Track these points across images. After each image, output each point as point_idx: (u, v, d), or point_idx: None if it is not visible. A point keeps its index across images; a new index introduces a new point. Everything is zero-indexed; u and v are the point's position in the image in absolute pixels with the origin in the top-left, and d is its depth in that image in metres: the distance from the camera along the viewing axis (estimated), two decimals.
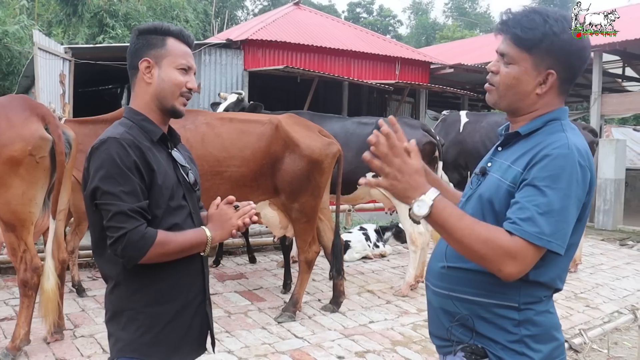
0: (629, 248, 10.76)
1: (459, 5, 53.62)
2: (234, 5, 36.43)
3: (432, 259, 2.11)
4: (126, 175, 1.97)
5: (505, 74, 1.93)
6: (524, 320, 1.86)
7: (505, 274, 1.72)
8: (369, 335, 5.33)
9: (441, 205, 1.76)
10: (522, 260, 1.71)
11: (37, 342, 4.67)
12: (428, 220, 1.78)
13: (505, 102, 1.96)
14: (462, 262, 1.92)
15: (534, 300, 1.87)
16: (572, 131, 1.88)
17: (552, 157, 1.76)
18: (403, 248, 9.08)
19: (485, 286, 1.88)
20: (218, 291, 6.44)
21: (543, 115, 1.92)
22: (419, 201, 1.76)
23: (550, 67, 1.87)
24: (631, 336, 5.75)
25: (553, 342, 1.90)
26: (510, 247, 1.70)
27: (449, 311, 1.97)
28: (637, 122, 25.76)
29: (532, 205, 1.71)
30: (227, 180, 5.42)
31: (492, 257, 1.71)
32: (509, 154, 1.95)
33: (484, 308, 1.89)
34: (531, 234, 1.69)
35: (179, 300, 2.15)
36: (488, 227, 1.76)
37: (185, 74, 2.19)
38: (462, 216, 1.77)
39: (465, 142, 8.45)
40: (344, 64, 14.44)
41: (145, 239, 1.96)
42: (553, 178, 1.73)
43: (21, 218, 4.32)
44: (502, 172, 1.89)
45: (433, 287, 2.05)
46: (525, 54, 1.88)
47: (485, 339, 1.89)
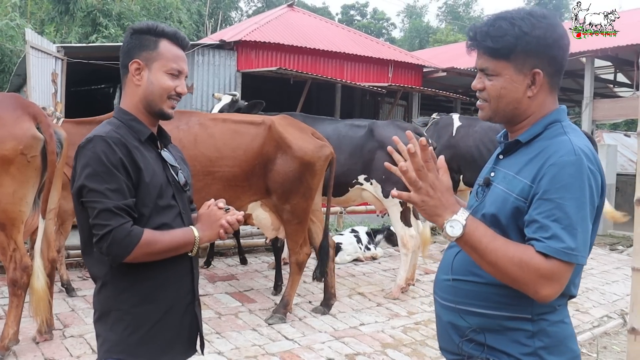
0: (619, 253, 10.82)
1: (453, 9, 53.71)
2: (227, 6, 36.38)
3: (439, 272, 2.06)
4: (112, 173, 1.96)
5: (492, 87, 1.88)
6: (538, 331, 1.81)
7: (542, 296, 1.68)
8: (360, 337, 5.34)
9: (473, 226, 1.71)
10: (558, 281, 1.67)
11: (26, 342, 4.65)
12: (459, 241, 1.73)
13: (500, 115, 1.92)
14: (469, 275, 1.89)
15: (547, 310, 1.82)
16: (575, 132, 1.84)
17: (560, 166, 1.71)
18: (394, 251, 9.08)
19: (495, 298, 1.84)
20: (209, 292, 6.43)
21: (541, 119, 1.87)
22: (451, 221, 1.71)
23: (534, 67, 1.83)
24: (620, 340, 5.77)
25: (568, 353, 1.85)
26: (546, 268, 1.64)
27: (458, 325, 1.92)
28: (628, 128, 25.88)
29: (551, 222, 1.66)
30: (219, 180, 5.42)
31: (528, 281, 1.66)
32: (512, 163, 1.90)
33: (494, 321, 1.85)
34: (561, 251, 1.64)
35: (167, 301, 2.14)
36: (519, 247, 1.69)
37: (176, 79, 2.17)
38: (494, 237, 1.72)
39: (458, 145, 8.47)
40: (337, 66, 14.47)
41: (131, 236, 1.96)
42: (566, 188, 1.68)
43: (11, 217, 4.31)
44: (507, 184, 1.84)
45: (441, 300, 2.01)
46: (504, 62, 1.84)
47: (498, 352, 1.84)
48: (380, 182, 6.69)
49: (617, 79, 17.49)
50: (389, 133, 6.71)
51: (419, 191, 1.73)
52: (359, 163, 6.76)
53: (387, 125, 6.93)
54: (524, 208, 1.76)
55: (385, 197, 6.67)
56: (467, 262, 1.88)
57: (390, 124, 7.03)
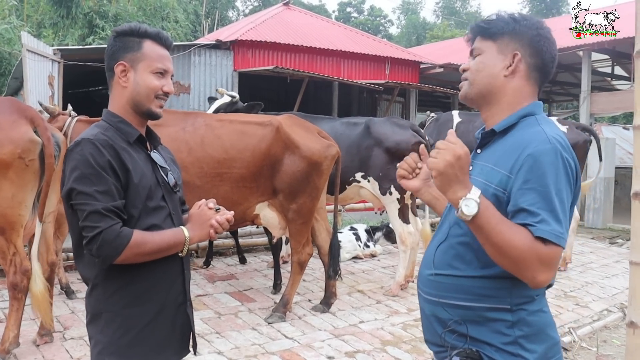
0: (618, 246, 10.83)
1: (449, 5, 53.69)
2: (224, 5, 36.34)
3: (422, 266, 2.10)
4: (100, 175, 1.97)
5: (474, 63, 2.00)
6: (517, 320, 1.85)
7: (539, 281, 1.71)
8: (359, 335, 5.35)
9: (484, 204, 1.72)
10: (555, 266, 1.72)
11: (26, 345, 4.66)
12: (471, 221, 1.73)
13: (476, 89, 1.99)
14: (450, 269, 1.93)
15: (526, 300, 1.86)
16: (548, 124, 1.89)
17: (537, 155, 1.76)
18: (393, 248, 9.10)
19: (475, 290, 1.88)
20: (208, 292, 6.44)
21: (517, 111, 1.94)
22: (467, 200, 1.72)
23: (515, 50, 1.94)
24: (620, 334, 5.79)
25: (548, 341, 1.89)
26: (545, 253, 1.68)
27: (440, 318, 1.97)
28: (626, 121, 25.92)
29: (537, 209, 1.70)
30: (227, 181, 5.42)
31: (529, 265, 1.68)
32: (488, 154, 1.96)
33: (475, 312, 1.89)
34: (555, 235, 1.68)
35: (158, 302, 2.15)
36: (522, 231, 1.70)
37: (162, 78, 2.19)
38: (502, 219, 1.73)
39: None
40: (333, 64, 14.46)
41: (121, 238, 1.96)
42: (545, 175, 1.73)
43: (11, 221, 4.31)
44: (485, 175, 1.88)
45: (424, 294, 2.06)
46: (490, 41, 1.97)
47: (480, 343, 1.89)
48: (377, 180, 6.70)
49: (614, 72, 17.51)
50: (386, 130, 6.73)
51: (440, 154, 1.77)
52: (356, 160, 6.77)
53: (384, 123, 6.93)
54: (503, 198, 1.81)
55: (383, 195, 6.68)
56: (448, 255, 1.96)
57: (387, 121, 7.04)
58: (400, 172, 2.25)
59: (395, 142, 6.63)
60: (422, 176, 2.24)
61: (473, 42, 2.03)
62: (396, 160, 6.58)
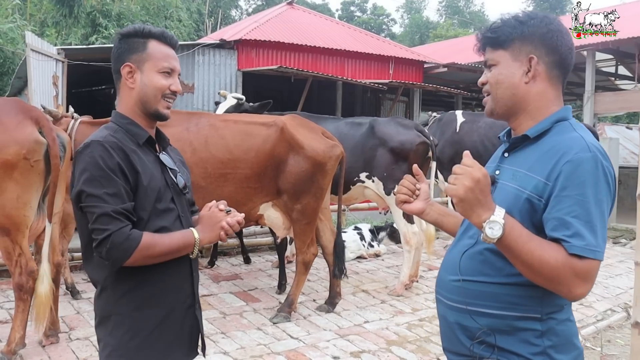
0: (622, 246, 10.82)
1: (453, 3, 53.62)
2: (227, 4, 36.38)
3: (443, 271, 2.03)
4: (110, 178, 1.97)
5: (491, 76, 1.93)
6: (547, 330, 1.80)
7: (575, 295, 1.68)
8: (364, 335, 5.35)
9: (510, 225, 1.67)
10: (592, 279, 1.67)
11: (32, 346, 4.67)
12: (497, 242, 1.68)
13: (500, 104, 1.93)
14: (478, 275, 1.87)
15: (556, 309, 1.82)
16: (583, 130, 1.83)
17: (577, 163, 1.70)
18: (397, 248, 9.10)
19: (505, 298, 1.82)
20: (213, 292, 6.45)
21: (550, 115, 1.87)
22: (490, 222, 1.66)
23: (529, 54, 1.87)
24: (624, 334, 5.78)
25: (574, 351, 1.85)
26: (581, 268, 1.64)
27: (465, 326, 1.90)
28: (630, 120, 25.86)
29: (572, 218, 1.65)
30: (231, 182, 5.42)
31: (564, 280, 1.65)
32: (520, 159, 1.88)
33: (504, 321, 1.83)
34: (591, 250, 1.64)
35: (167, 304, 2.15)
36: (553, 247, 1.66)
37: (169, 77, 2.18)
38: (530, 237, 1.68)
39: (462, 141, 8.45)
40: (337, 63, 14.47)
41: (130, 240, 1.95)
42: (585, 185, 1.68)
43: (16, 222, 4.31)
44: (518, 181, 1.82)
45: (446, 300, 1.98)
46: (501, 50, 1.90)
47: (507, 353, 1.83)
48: (381, 180, 6.70)
49: (618, 72, 17.47)
50: (390, 130, 6.73)
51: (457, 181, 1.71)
52: (360, 161, 6.78)
53: (388, 123, 6.94)
54: (539, 205, 1.75)
55: (387, 195, 6.68)
56: (476, 261, 1.89)
57: (391, 120, 7.04)
58: (400, 197, 2.16)
59: (400, 142, 6.63)
60: (422, 196, 2.17)
61: (483, 50, 1.97)
62: (400, 160, 6.61)
